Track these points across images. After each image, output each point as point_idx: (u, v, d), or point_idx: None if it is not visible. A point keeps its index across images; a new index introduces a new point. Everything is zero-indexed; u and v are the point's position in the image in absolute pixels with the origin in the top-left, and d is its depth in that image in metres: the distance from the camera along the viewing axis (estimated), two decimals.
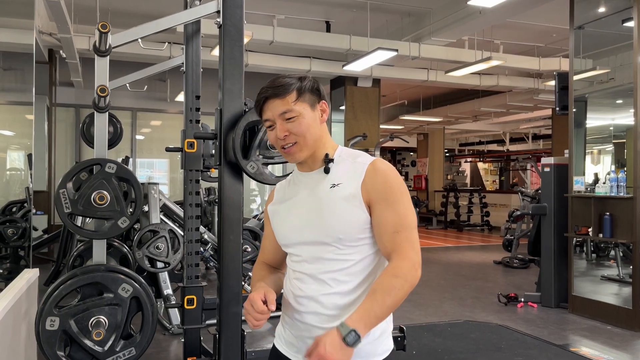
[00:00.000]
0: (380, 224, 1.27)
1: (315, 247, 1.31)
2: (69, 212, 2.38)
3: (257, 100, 1.37)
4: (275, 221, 1.43)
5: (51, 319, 2.34)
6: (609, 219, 4.91)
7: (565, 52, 8.86)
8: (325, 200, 1.31)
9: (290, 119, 1.31)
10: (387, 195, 1.28)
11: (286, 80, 1.34)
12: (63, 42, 6.54)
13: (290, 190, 1.43)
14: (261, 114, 1.37)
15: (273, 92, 1.32)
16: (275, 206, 1.44)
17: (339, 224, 1.28)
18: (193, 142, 2.95)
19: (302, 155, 1.34)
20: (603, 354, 4.02)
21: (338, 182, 1.32)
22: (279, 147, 1.36)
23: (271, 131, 1.35)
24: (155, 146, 10.68)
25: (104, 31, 2.43)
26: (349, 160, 1.35)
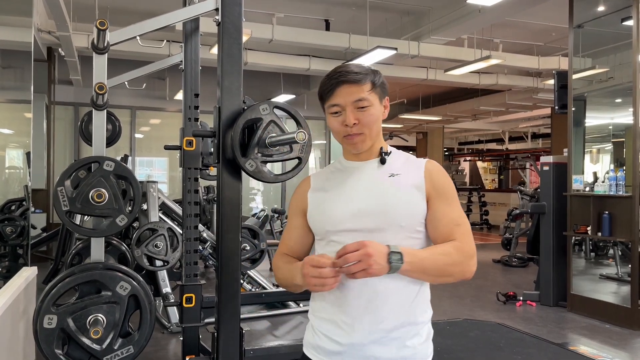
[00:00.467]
0: (440, 217, 1.30)
1: (372, 234, 1.25)
2: (67, 210, 2.37)
3: (327, 83, 1.32)
4: (318, 208, 1.36)
5: (49, 317, 2.33)
6: (607, 217, 4.92)
7: (564, 50, 8.85)
8: (387, 187, 1.30)
9: (363, 107, 1.29)
10: (447, 193, 1.32)
11: (362, 69, 1.32)
12: (62, 40, 6.53)
13: (336, 177, 1.38)
14: (328, 97, 1.32)
15: (350, 77, 1.29)
16: (318, 193, 1.38)
17: (403, 210, 1.28)
18: (192, 140, 2.95)
19: (365, 146, 1.34)
20: (602, 353, 4.02)
21: (397, 172, 1.33)
22: (342, 134, 1.33)
23: (336, 117, 1.32)
24: (154, 144, 10.68)
25: (102, 28, 2.42)
26: (403, 157, 1.39)
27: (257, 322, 4.87)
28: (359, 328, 1.26)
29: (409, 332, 1.29)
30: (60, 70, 8.55)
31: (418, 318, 1.31)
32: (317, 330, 1.34)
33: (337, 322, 1.28)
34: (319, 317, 1.34)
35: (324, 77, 1.35)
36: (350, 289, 1.26)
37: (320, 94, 1.35)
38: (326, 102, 1.33)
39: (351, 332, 1.26)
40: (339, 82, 1.29)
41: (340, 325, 1.28)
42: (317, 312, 1.36)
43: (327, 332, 1.31)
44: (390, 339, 1.26)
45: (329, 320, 1.31)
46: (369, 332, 1.25)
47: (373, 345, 1.26)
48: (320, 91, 1.35)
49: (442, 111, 13.99)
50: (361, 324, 1.26)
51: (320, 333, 1.33)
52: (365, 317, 1.25)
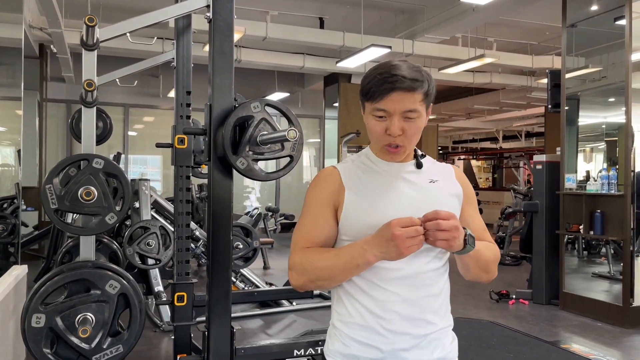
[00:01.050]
0: (472, 222, 1.34)
1: None
2: (56, 208, 2.35)
3: (379, 85, 1.20)
4: (356, 208, 1.25)
5: (37, 315, 2.31)
6: (599, 216, 4.93)
7: (558, 50, 8.87)
8: (431, 194, 1.27)
9: (412, 119, 1.22)
10: (473, 200, 1.39)
11: (419, 75, 1.21)
12: (54, 36, 6.48)
13: (371, 178, 1.29)
14: (376, 100, 1.21)
15: (408, 84, 1.19)
16: (355, 193, 1.27)
17: None
18: (183, 138, 2.93)
19: (401, 157, 1.30)
20: (593, 351, 4.04)
21: (435, 178, 1.31)
22: (382, 142, 1.25)
23: (379, 121, 1.23)
24: (147, 142, 10.64)
25: (91, 24, 2.40)
26: (429, 160, 1.37)
27: (250, 320, 4.86)
28: (401, 333, 1.23)
29: (443, 334, 1.30)
30: (52, 67, 8.49)
31: (447, 322, 1.33)
32: (349, 338, 1.27)
33: (376, 328, 1.23)
34: (351, 324, 1.27)
35: (372, 70, 1.24)
36: (393, 293, 1.23)
37: (367, 91, 1.24)
38: (372, 102, 1.23)
39: (393, 338, 1.23)
40: (394, 88, 1.19)
41: (380, 331, 1.23)
42: (348, 317, 1.28)
43: (364, 339, 1.25)
44: (428, 342, 1.26)
45: (365, 327, 1.24)
46: (411, 337, 1.24)
47: (413, 350, 1.24)
48: (367, 88, 1.23)
49: (436, 110, 14.02)
50: (404, 329, 1.23)
51: (353, 341, 1.26)
52: (408, 323, 1.23)
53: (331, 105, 10.44)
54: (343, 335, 1.28)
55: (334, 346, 1.30)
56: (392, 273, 1.23)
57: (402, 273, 1.23)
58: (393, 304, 1.23)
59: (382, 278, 1.23)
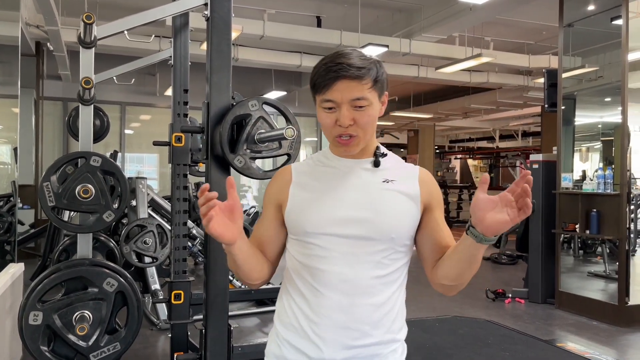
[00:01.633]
0: (442, 227, 1.25)
1: (357, 242, 1.16)
2: (53, 206, 2.35)
3: (324, 74, 1.15)
4: (300, 205, 1.20)
5: (34, 313, 2.31)
6: (596, 215, 4.95)
7: (554, 49, 8.88)
8: (381, 194, 1.19)
9: (361, 107, 1.15)
10: (440, 202, 1.28)
11: (365, 62, 1.15)
12: (50, 34, 6.46)
13: (322, 174, 1.23)
14: (322, 90, 1.16)
15: (351, 73, 1.12)
16: (301, 189, 1.22)
17: (396, 222, 1.18)
18: (181, 136, 2.93)
19: (357, 149, 1.20)
20: (589, 349, 4.05)
21: (391, 178, 1.21)
22: (333, 133, 1.18)
23: (328, 113, 1.16)
24: (144, 141, 10.61)
25: (89, 22, 2.39)
26: (394, 160, 1.27)
27: (247, 318, 4.86)
28: (333, 343, 1.14)
29: (387, 348, 1.20)
30: (49, 65, 8.46)
31: (396, 335, 1.22)
32: (283, 340, 1.21)
33: (308, 333, 1.16)
34: (286, 324, 1.21)
35: (320, 62, 1.18)
36: (328, 298, 1.15)
37: (314, 83, 1.18)
38: (319, 94, 1.17)
39: (323, 347, 1.14)
40: (338, 77, 1.13)
41: (311, 337, 1.16)
42: (284, 317, 1.22)
43: (295, 343, 1.18)
44: (366, 356, 1.17)
45: (298, 329, 1.18)
46: (344, 348, 1.15)
47: None
48: (314, 80, 1.18)
49: (433, 109, 14.03)
50: (336, 338, 1.14)
51: (286, 343, 1.20)
52: (342, 332, 1.14)
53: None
54: (279, 336, 1.22)
55: (270, 347, 1.26)
56: (329, 276, 1.16)
57: (341, 277, 1.15)
58: (327, 308, 1.15)
59: (319, 280, 1.16)
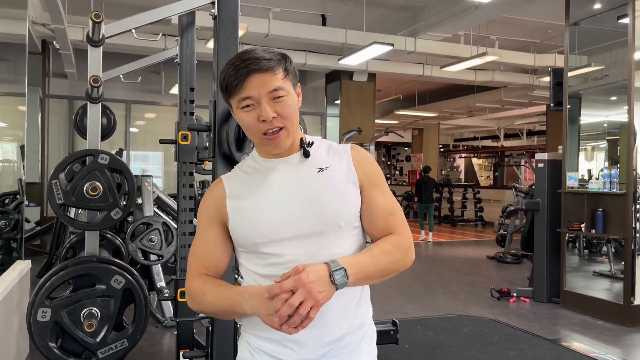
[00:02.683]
0: (374, 206, 1.20)
1: (309, 240, 1.13)
2: (62, 203, 2.36)
3: (234, 73, 1.12)
4: (242, 218, 1.16)
5: (43, 310, 2.33)
6: (601, 214, 4.94)
7: (560, 48, 8.86)
8: (319, 185, 1.16)
9: (280, 97, 1.12)
10: (377, 180, 1.22)
11: (272, 54, 1.13)
12: (57, 33, 6.49)
13: (254, 179, 1.20)
14: (237, 90, 1.12)
15: (262, 65, 1.10)
16: (238, 200, 1.18)
17: (340, 209, 1.16)
18: (187, 135, 2.94)
19: (287, 142, 1.16)
20: (594, 349, 4.05)
21: (325, 165, 1.19)
22: (260, 132, 1.13)
23: (249, 112, 1.13)
24: (149, 139, 10.64)
25: (97, 21, 2.40)
26: (325, 145, 1.24)
27: None
28: (307, 345, 1.14)
29: (358, 335, 1.20)
30: (54, 64, 8.50)
31: (364, 319, 1.22)
32: (256, 348, 1.18)
33: (281, 341, 1.14)
34: (257, 336, 1.18)
35: (225, 66, 1.15)
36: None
37: (226, 86, 1.14)
38: (234, 95, 1.13)
39: (299, 350, 1.14)
40: (249, 71, 1.10)
41: (285, 344, 1.14)
42: (254, 330, 1.18)
43: (270, 351, 1.16)
44: (341, 348, 1.17)
45: (270, 340, 1.16)
46: (319, 346, 1.14)
47: (324, 359, 1.16)
48: (225, 83, 1.14)
49: (437, 108, 14.01)
50: (309, 340, 1.13)
51: (260, 351, 1.17)
52: (313, 332, 1.11)
53: (333, 102, 10.44)
54: (251, 344, 1.20)
55: (242, 354, 1.22)
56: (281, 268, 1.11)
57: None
58: None
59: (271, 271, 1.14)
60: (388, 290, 6.02)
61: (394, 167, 21.71)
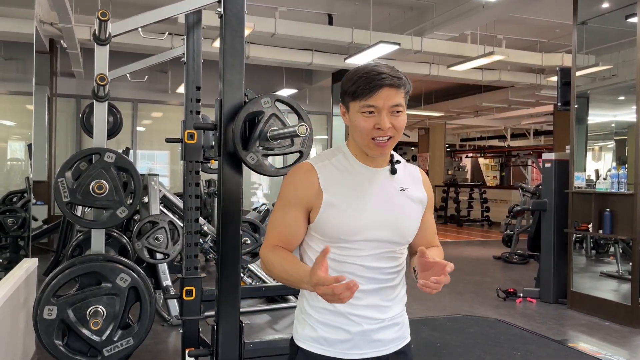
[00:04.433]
0: (429, 225, 1.50)
1: (385, 245, 1.35)
2: (68, 201, 2.37)
3: (367, 82, 1.28)
4: (334, 214, 1.32)
5: (49, 308, 2.33)
6: (609, 215, 4.91)
7: (567, 47, 8.81)
8: (400, 203, 1.38)
9: (399, 112, 1.31)
10: (432, 205, 1.51)
11: (400, 74, 1.33)
12: (64, 32, 6.51)
13: (347, 180, 1.35)
14: (365, 97, 1.28)
15: (394, 81, 1.29)
16: (332, 197, 1.33)
17: (413, 227, 1.41)
18: (193, 133, 2.93)
19: (389, 151, 1.36)
20: (601, 350, 4.02)
21: (405, 186, 1.40)
22: (369, 137, 1.30)
23: (369, 118, 1.29)
24: (155, 138, 10.67)
25: (104, 19, 2.41)
26: (402, 164, 1.44)
27: (257, 315, 4.86)
28: (368, 319, 1.35)
29: (403, 316, 1.45)
30: (62, 63, 8.53)
31: (405, 304, 1.47)
32: (318, 322, 1.36)
33: (345, 314, 1.34)
34: (319, 308, 1.36)
35: (354, 73, 1.32)
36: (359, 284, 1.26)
37: (354, 91, 1.30)
38: (359, 100, 1.30)
39: (361, 322, 1.34)
40: (383, 85, 1.28)
41: (349, 317, 1.34)
42: (317, 302, 1.35)
43: (333, 323, 1.35)
44: (392, 324, 1.40)
45: (335, 312, 1.34)
46: (377, 322, 1.36)
47: (379, 331, 1.37)
48: (352, 89, 1.31)
49: (444, 107, 13.97)
50: (369, 315, 1.35)
51: (321, 324, 1.36)
52: (373, 310, 1.35)
53: (339, 102, 10.42)
54: (312, 319, 1.37)
55: (304, 331, 1.39)
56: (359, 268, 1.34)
57: (370, 268, 1.35)
58: (359, 292, 1.29)
59: (351, 270, 1.33)
60: None
61: None
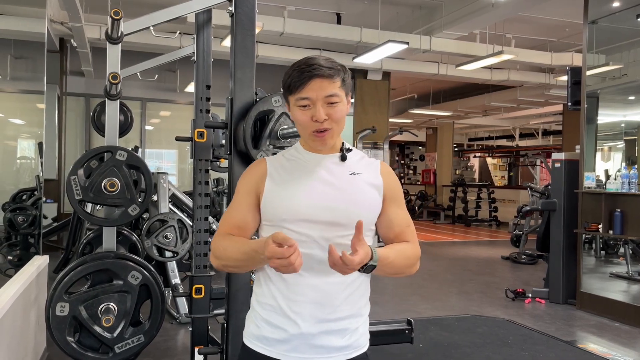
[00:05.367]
0: (394, 218, 1.38)
1: (330, 228, 1.28)
2: (80, 199, 2.38)
3: (298, 75, 1.28)
4: (277, 195, 1.32)
5: (61, 304, 2.36)
6: (619, 215, 4.88)
7: (577, 47, 8.76)
8: (350, 184, 1.33)
9: (334, 103, 1.29)
10: (400, 196, 1.42)
11: (334, 64, 1.30)
12: (74, 31, 6.56)
13: (294, 167, 1.36)
14: (298, 90, 1.28)
15: (324, 72, 1.27)
16: (276, 180, 1.34)
17: (362, 208, 1.32)
18: (203, 132, 2.95)
19: (331, 142, 1.34)
20: (611, 351, 4.00)
21: (357, 171, 1.36)
22: (310, 130, 1.31)
23: (305, 111, 1.29)
24: (164, 136, 10.71)
25: (117, 18, 2.42)
26: (359, 155, 1.41)
27: None
28: (309, 319, 1.28)
29: (354, 323, 1.34)
30: (72, 62, 8.59)
31: (361, 310, 1.36)
32: (261, 320, 1.32)
33: (286, 311, 1.28)
34: (264, 304, 1.32)
35: (291, 67, 1.32)
36: (304, 277, 1.27)
37: (289, 84, 1.30)
38: (294, 94, 1.30)
39: (301, 322, 1.28)
40: (312, 76, 1.27)
41: (289, 314, 1.28)
42: (263, 298, 1.33)
43: (273, 321, 1.30)
44: (338, 329, 1.30)
45: (276, 308, 1.30)
46: (318, 322, 1.28)
47: (321, 335, 1.28)
48: (287, 82, 1.31)
49: (452, 107, 13.93)
50: (311, 314, 1.28)
51: (264, 322, 1.32)
52: (315, 308, 1.28)
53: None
54: (258, 317, 1.33)
55: (249, 328, 1.36)
56: (305, 258, 1.23)
57: (316, 259, 1.27)
58: (303, 287, 1.28)
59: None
60: (402, 290, 6.00)
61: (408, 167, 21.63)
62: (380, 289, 6.11)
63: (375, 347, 3.54)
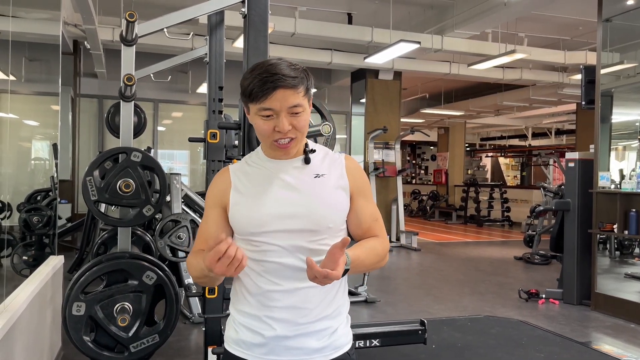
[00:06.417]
0: (361, 213, 1.36)
1: (299, 235, 1.27)
2: (96, 200, 2.41)
3: (261, 85, 1.22)
4: (242, 208, 1.30)
5: (77, 304, 2.38)
6: (634, 215, 4.82)
7: (591, 45, 8.68)
8: (314, 189, 1.30)
9: (297, 113, 1.25)
10: (365, 189, 1.39)
11: (297, 72, 1.25)
12: (88, 33, 6.62)
13: (257, 175, 1.34)
14: (260, 100, 1.23)
15: (288, 82, 1.22)
16: (239, 192, 1.32)
17: (330, 213, 1.30)
18: (216, 133, 2.97)
19: (294, 151, 1.32)
20: (626, 352, 3.96)
21: (321, 172, 1.33)
22: (271, 139, 1.27)
23: (267, 121, 1.24)
24: (176, 137, 10.77)
25: (131, 20, 2.44)
26: (322, 152, 1.38)
27: None
28: (283, 323, 1.28)
29: (332, 323, 1.33)
30: (85, 63, 8.67)
31: (340, 309, 1.36)
32: (240, 325, 1.33)
33: (261, 317, 1.29)
34: (241, 311, 1.33)
35: (250, 72, 1.25)
36: (278, 284, 1.28)
37: (249, 93, 1.24)
38: (257, 104, 1.24)
39: (276, 326, 1.28)
40: (276, 87, 1.21)
41: (264, 320, 1.29)
42: (239, 304, 1.34)
43: (250, 326, 1.31)
44: (314, 331, 1.30)
45: (252, 315, 1.31)
46: (293, 325, 1.28)
47: (297, 338, 1.29)
48: (248, 90, 1.24)
49: (464, 106, 13.86)
50: (286, 318, 1.28)
51: (242, 327, 1.32)
52: (290, 313, 1.28)
53: (358, 101, 10.41)
54: (236, 322, 1.34)
55: (228, 333, 1.37)
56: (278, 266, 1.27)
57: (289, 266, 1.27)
58: (277, 293, 1.28)
59: (269, 270, 1.28)
60: (414, 291, 5.98)
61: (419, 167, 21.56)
62: (392, 290, 6.10)
63: (389, 348, 3.54)
